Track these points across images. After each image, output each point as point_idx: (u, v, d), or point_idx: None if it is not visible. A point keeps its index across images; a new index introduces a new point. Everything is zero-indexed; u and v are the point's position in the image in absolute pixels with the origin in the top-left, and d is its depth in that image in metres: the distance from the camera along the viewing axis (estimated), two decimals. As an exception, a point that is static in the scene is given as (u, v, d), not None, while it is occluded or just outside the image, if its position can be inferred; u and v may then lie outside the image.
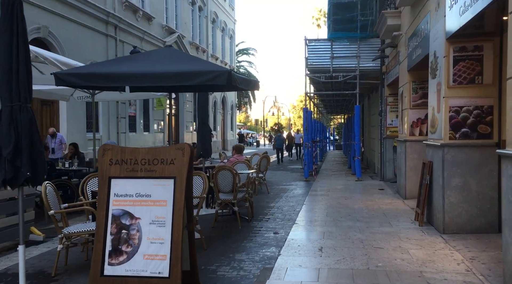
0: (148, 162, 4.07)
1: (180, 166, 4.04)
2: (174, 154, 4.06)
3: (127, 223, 4.00)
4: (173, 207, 3.98)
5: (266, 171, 12.12)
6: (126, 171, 4.07)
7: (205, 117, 8.93)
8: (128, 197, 4.04)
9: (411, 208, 8.97)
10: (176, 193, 4.00)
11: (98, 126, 18.11)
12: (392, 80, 12.38)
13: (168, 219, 3.97)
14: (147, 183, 4.06)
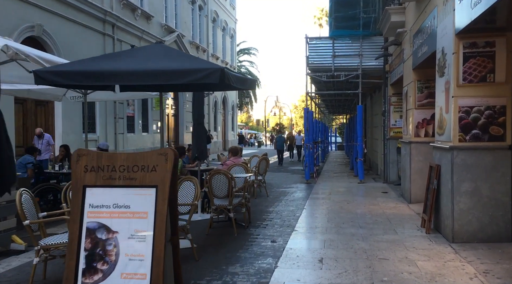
0: (127, 169, 3.64)
1: (162, 173, 3.60)
2: (156, 160, 3.63)
3: (103, 237, 3.56)
4: (154, 219, 3.55)
5: (265, 174, 11.68)
6: (102, 178, 3.64)
7: (201, 118, 8.49)
8: (105, 208, 3.61)
9: (416, 213, 8.52)
10: (158, 204, 3.56)
11: (95, 127, 17.71)
12: (396, 79, 11.92)
13: (149, 233, 3.53)
14: (126, 192, 3.62)
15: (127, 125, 20.12)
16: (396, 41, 11.25)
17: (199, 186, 5.74)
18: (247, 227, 7.49)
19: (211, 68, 5.23)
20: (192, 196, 5.70)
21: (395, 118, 13.11)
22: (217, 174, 6.98)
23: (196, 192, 5.63)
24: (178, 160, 3.74)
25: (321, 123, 27.03)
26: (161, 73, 5.23)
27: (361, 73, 13.69)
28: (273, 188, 12.85)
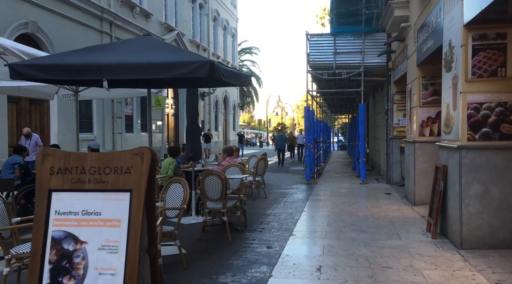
0: (98, 171, 3.22)
1: (138, 176, 3.18)
2: (131, 160, 3.21)
3: (70, 248, 3.14)
4: (128, 228, 3.12)
5: (263, 174, 11.25)
6: (70, 182, 3.22)
7: (195, 116, 8.08)
8: (73, 215, 3.19)
9: (421, 216, 8.09)
10: (133, 210, 3.14)
11: (92, 126, 17.33)
12: (399, 77, 11.48)
13: (122, 243, 3.11)
14: (97, 197, 3.20)
15: (126, 124, 19.73)
16: (400, 37, 10.81)
17: (189, 188, 5.32)
18: (242, 231, 7.07)
19: (200, 61, 4.82)
20: (180, 199, 5.27)
21: (398, 117, 12.67)
22: (210, 175, 6.56)
23: (185, 195, 5.21)
24: (156, 161, 3.32)
25: (322, 122, 26.60)
26: (146, 67, 4.82)
27: (363, 71, 13.25)
28: (272, 189, 12.43)
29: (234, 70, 6.05)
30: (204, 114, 29.72)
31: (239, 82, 6.13)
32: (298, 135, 24.82)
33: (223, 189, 6.51)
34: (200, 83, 6.65)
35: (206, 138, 25.55)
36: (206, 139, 25.52)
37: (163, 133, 23.40)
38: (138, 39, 5.90)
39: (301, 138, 23.74)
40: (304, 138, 18.37)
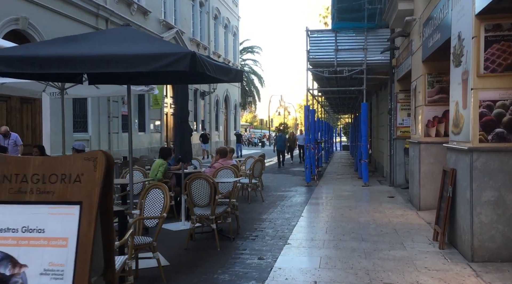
0: (42, 179, 2.66)
1: (89, 185, 2.62)
2: (82, 166, 2.65)
3: (7, 273, 2.59)
4: (76, 248, 2.57)
5: (260, 176, 10.68)
6: (9, 192, 2.67)
7: (185, 115, 7.53)
8: (11, 232, 2.64)
9: (427, 222, 7.51)
10: (83, 226, 2.58)
11: (87, 126, 16.82)
12: (404, 75, 10.91)
13: (69, 267, 2.56)
14: (40, 211, 2.65)
15: (123, 124, 19.23)
16: (404, 32, 10.23)
17: (175, 192, 4.77)
18: (233, 239, 6.51)
19: (180, 53, 4.26)
20: (160, 207, 4.72)
21: (402, 117, 12.09)
22: (197, 179, 6.00)
23: (165, 202, 4.66)
24: (113, 166, 2.77)
25: (324, 122, 26.02)
26: (122, 59, 4.27)
27: (365, 69, 12.67)
28: (270, 191, 11.87)
29: (222, 65, 5.50)
30: (205, 114, 29.21)
31: (228, 78, 5.58)
32: (298, 136, 23.63)
33: (212, 194, 5.96)
34: (187, 79, 6.10)
35: (204, 138, 24.88)
36: (204, 140, 24.84)
37: (162, 133, 22.87)
38: (116, 30, 5.37)
39: (301, 138, 22.19)
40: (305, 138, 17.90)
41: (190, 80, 6.20)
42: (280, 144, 21.17)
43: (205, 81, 6.71)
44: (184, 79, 6.13)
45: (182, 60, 4.19)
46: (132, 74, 5.58)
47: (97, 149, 17.39)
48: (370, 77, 13.13)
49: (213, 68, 4.89)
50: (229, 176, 7.63)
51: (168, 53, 4.28)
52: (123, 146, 18.82)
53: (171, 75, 5.74)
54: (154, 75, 5.84)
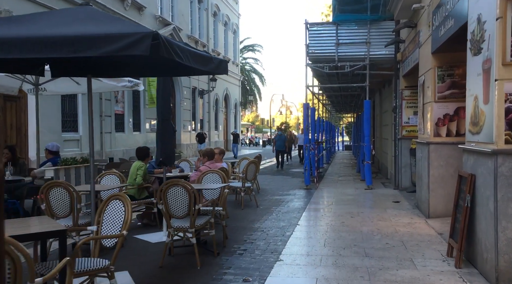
0: None
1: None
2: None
3: None
4: None
5: (254, 180, 9.81)
6: None
7: (167, 112, 6.68)
8: None
9: (438, 232, 6.64)
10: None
11: (77, 125, 16.00)
12: (410, 69, 10.03)
13: None
14: None
15: (116, 123, 18.40)
16: (410, 23, 9.35)
17: (131, 206, 3.92)
18: (217, 254, 5.64)
19: (138, 34, 3.42)
20: (120, 222, 3.87)
21: (408, 115, 11.22)
22: (173, 186, 5.15)
23: (126, 217, 3.80)
24: None
25: (326, 122, 25.14)
26: (73, 41, 3.43)
27: (368, 64, 11.79)
28: (266, 195, 11.01)
29: (201, 52, 4.65)
30: (203, 113, 28.37)
31: (208, 68, 4.73)
32: (298, 135, 22.27)
33: (190, 203, 5.10)
34: (162, 70, 5.24)
35: (200, 138, 23.72)
36: (200, 140, 23.68)
37: (158, 133, 22.02)
38: (72, 9, 4.55)
39: (302, 138, 21.39)
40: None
41: (165, 71, 5.33)
42: (279, 144, 19.89)
43: (184, 72, 5.85)
44: (158, 71, 5.28)
45: (140, 43, 3.35)
46: (99, 64, 4.73)
47: (88, 149, 16.58)
48: (374, 73, 12.25)
49: (187, 55, 4.04)
50: (216, 181, 6.78)
51: (125, 34, 3.43)
52: (116, 146, 18.01)
53: (141, 65, 4.89)
54: (121, 65, 4.99)
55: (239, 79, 36.88)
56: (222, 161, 8.37)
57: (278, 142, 19.98)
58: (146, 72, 5.70)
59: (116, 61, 4.85)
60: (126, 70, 5.46)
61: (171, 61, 4.14)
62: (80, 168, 8.43)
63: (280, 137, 20.17)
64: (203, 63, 4.58)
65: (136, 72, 5.74)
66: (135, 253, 5.85)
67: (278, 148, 19.94)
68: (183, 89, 24.71)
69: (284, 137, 20.76)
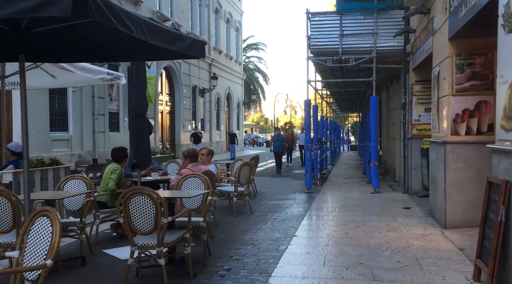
0: None
1: None
2: None
3: None
4: None
5: (248, 183, 8.80)
6: None
7: (141, 106, 5.72)
8: None
9: (458, 248, 5.62)
10: None
11: (68, 124, 15.06)
12: (421, 61, 9.00)
13: None
14: None
15: (110, 123, 17.46)
16: (423, 8, 8.31)
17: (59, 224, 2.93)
18: (194, 276, 4.65)
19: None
20: (46, 247, 2.87)
21: (418, 112, 10.19)
22: (137, 195, 4.15)
23: (53, 240, 2.81)
24: None
25: (330, 121, 24.10)
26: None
27: (375, 57, 10.75)
28: (263, 200, 10.01)
29: (164, 27, 3.66)
30: (204, 113, 27.39)
31: (177, 48, 3.75)
32: (299, 135, 20.17)
33: (158, 216, 4.11)
34: (121, 52, 4.26)
35: (195, 138, 22.26)
36: (196, 140, 22.24)
37: (156, 133, 21.07)
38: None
39: (303, 138, 18.54)
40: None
41: (129, 56, 4.34)
42: (277, 145, 17.84)
43: (151, 56, 4.84)
44: (120, 54, 4.29)
45: (59, 0, 2.35)
46: (31, 44, 3.75)
47: (79, 149, 15.66)
48: (381, 67, 11.21)
49: (140, 26, 3.05)
50: (199, 187, 5.78)
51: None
52: (110, 146, 17.00)
53: (100, 48, 3.92)
54: (76, 48, 4.02)
55: (242, 78, 35.85)
56: (210, 162, 7.37)
57: (275, 142, 18.00)
58: (106, 56, 4.71)
59: (68, 43, 3.88)
60: (85, 54, 4.48)
61: (136, 43, 3.19)
62: (48, 171, 7.47)
63: (278, 138, 18.21)
64: (169, 41, 3.60)
65: (97, 57, 4.75)
66: (99, 272, 4.88)
67: (276, 149, 17.82)
68: (183, 88, 23.76)
69: (283, 137, 18.66)
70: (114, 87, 17.74)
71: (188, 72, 24.58)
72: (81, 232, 5.16)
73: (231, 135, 25.26)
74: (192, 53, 4.05)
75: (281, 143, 17.97)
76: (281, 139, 18.11)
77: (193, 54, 4.09)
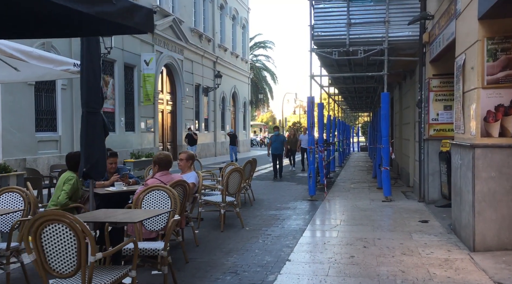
0: None
1: None
2: None
3: None
4: None
5: (238, 193, 7.53)
6: None
7: (94, 100, 4.53)
8: None
9: (494, 281, 4.34)
10: None
11: (56, 124, 13.98)
12: (441, 51, 7.71)
13: None
14: None
15: (104, 122, 16.34)
16: (444, -12, 7.02)
17: None
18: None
19: None
20: None
21: (436, 110, 8.89)
22: (52, 223, 2.94)
23: None
24: None
25: (339, 121, 22.77)
26: None
27: (387, 48, 9.45)
28: (260, 209, 8.78)
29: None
30: (209, 112, 26.23)
31: (95, 11, 2.53)
32: (301, 136, 17.39)
33: (81, 252, 2.90)
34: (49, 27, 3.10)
35: (190, 140, 19.90)
36: (190, 141, 19.88)
37: (156, 133, 19.95)
38: None
39: (305, 140, 15.49)
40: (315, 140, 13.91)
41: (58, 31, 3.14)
42: (276, 146, 15.07)
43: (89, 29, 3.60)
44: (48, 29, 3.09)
45: None
46: None
47: (70, 150, 14.51)
48: (393, 59, 9.90)
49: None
50: (163, 203, 4.56)
51: None
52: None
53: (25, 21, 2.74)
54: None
55: (249, 77, 34.61)
56: (191, 169, 6.16)
57: (274, 143, 15.19)
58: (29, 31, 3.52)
59: None
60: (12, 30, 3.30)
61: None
62: (1, 179, 6.31)
63: (278, 138, 15.36)
64: (101, 3, 2.39)
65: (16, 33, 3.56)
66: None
67: (274, 151, 15.05)
68: (185, 86, 22.64)
69: (283, 137, 15.90)
70: (109, 85, 16.66)
71: (191, 70, 23.43)
72: (7, 262, 3.98)
73: (231, 136, 22.07)
74: (130, 23, 2.84)
75: (281, 143, 15.22)
76: (280, 140, 15.33)
77: (133, 25, 2.88)
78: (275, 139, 15.32)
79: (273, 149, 15.11)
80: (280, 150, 15.09)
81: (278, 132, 15.69)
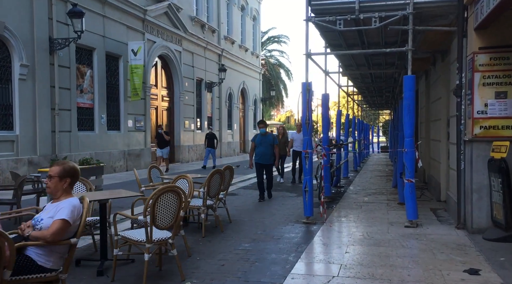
0: None
1: None
2: None
3: None
4: None
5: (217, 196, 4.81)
6: None
7: None
8: None
9: None
10: None
11: (13, 121, 11.60)
12: (493, 10, 4.92)
13: None
14: None
15: (81, 120, 13.97)
16: None
17: None
18: None
19: None
20: None
21: (485, 99, 6.10)
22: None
23: None
24: None
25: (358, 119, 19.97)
26: None
27: (411, 13, 6.66)
28: (231, 238, 6.09)
29: None
30: (212, 110, 23.67)
31: None
32: (293, 135, 12.89)
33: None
34: None
35: (160, 141, 16.10)
36: (160, 143, 16.09)
37: (147, 133, 17.48)
38: None
39: (299, 140, 11.88)
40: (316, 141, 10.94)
41: None
42: (262, 151, 9.50)
43: None
44: None
45: None
46: None
47: (31, 153, 12.12)
48: (421, 29, 7.10)
49: None
50: None
51: None
52: (79, 149, 13.53)
53: None
54: None
55: (260, 72, 31.91)
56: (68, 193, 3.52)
57: (259, 147, 9.51)
58: None
59: None
60: None
61: None
62: None
63: (264, 139, 9.57)
64: None
65: None
66: None
67: (259, 160, 9.51)
68: (184, 80, 20.14)
69: (271, 138, 9.71)
70: (86, 76, 14.24)
71: (191, 63, 20.93)
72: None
73: (209, 136, 17.59)
74: None
75: (269, 147, 9.51)
76: (268, 142, 9.52)
77: None
78: (261, 141, 9.52)
79: (258, 156, 9.51)
80: (269, 157, 9.57)
81: (265, 130, 9.71)
